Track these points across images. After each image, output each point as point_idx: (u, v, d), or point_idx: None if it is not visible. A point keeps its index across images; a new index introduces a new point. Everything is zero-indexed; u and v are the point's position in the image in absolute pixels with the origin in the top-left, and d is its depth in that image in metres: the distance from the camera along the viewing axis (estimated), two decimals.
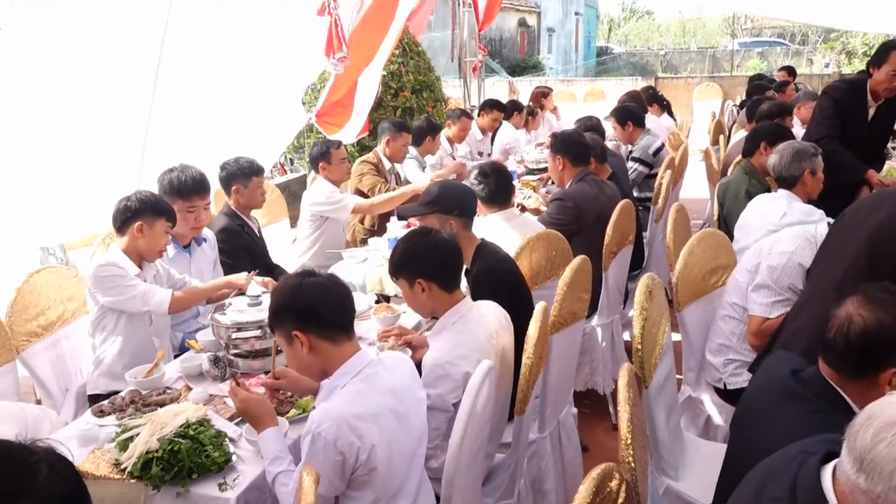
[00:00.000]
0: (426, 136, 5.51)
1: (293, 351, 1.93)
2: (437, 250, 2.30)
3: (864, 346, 1.64)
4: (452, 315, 2.30)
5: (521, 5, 24.49)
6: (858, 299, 1.69)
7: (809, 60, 22.81)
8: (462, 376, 2.13)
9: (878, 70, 4.00)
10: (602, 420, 3.79)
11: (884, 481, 1.01)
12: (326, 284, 1.95)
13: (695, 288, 3.01)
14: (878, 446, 1.02)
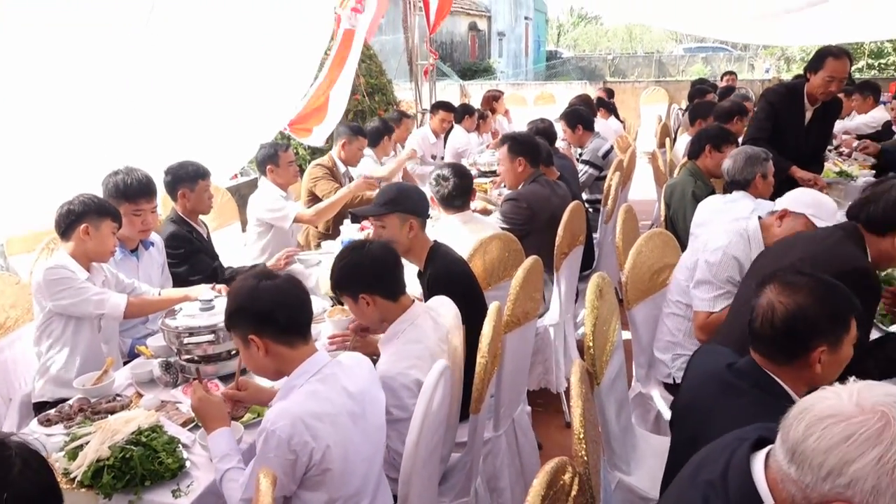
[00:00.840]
0: (383, 137, 5.53)
1: (249, 353, 1.93)
2: (373, 263, 2.28)
3: (790, 331, 1.70)
4: (402, 323, 2.29)
5: (472, 9, 24.64)
6: (776, 286, 1.76)
7: (751, 65, 23.50)
8: (414, 383, 2.14)
9: (815, 75, 4.14)
10: (555, 418, 3.85)
11: (813, 472, 1.05)
12: (284, 287, 1.93)
13: (643, 287, 3.09)
14: (808, 439, 1.06)
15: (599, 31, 42.20)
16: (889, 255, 2.30)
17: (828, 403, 1.08)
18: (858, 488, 1.02)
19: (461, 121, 7.07)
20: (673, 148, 6.38)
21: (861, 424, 1.04)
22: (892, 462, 1.00)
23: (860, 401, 1.06)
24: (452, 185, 3.33)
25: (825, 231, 2.39)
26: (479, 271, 3.06)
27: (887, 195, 2.26)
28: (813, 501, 1.06)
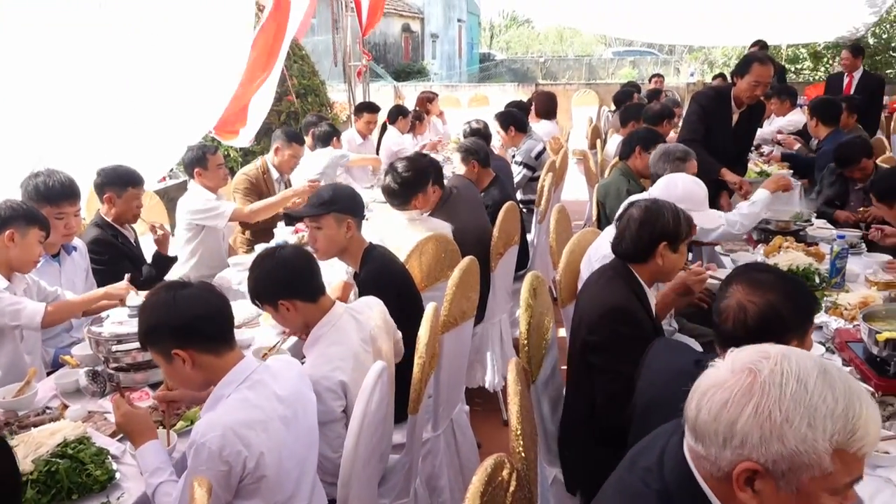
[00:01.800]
0: (332, 139, 5.51)
1: (173, 368, 1.86)
2: (286, 268, 2.24)
3: (764, 329, 1.71)
4: (323, 326, 2.26)
5: (405, 11, 24.64)
6: (743, 287, 1.77)
7: (676, 69, 24.24)
8: (338, 385, 2.13)
9: (741, 80, 4.30)
10: (493, 416, 3.89)
11: (712, 443, 1.10)
12: (202, 295, 1.87)
13: (576, 285, 3.14)
14: (700, 414, 1.12)
15: (531, 33, 42.76)
16: (661, 272, 2.40)
17: (708, 377, 1.14)
18: (750, 443, 1.07)
19: (395, 122, 7.05)
20: (604, 149, 6.53)
21: (734, 385, 1.09)
22: (767, 409, 1.06)
23: (732, 365, 1.13)
24: (410, 181, 3.34)
25: (601, 271, 2.49)
26: (415, 272, 3.07)
27: (628, 231, 2.37)
28: (725, 470, 1.11)
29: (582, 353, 2.34)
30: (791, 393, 1.06)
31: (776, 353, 1.12)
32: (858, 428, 1.05)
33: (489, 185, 4.37)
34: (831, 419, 1.05)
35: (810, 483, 1.07)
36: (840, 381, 1.08)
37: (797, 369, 1.08)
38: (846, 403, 1.06)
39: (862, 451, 1.07)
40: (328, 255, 2.78)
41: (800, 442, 1.05)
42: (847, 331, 2.63)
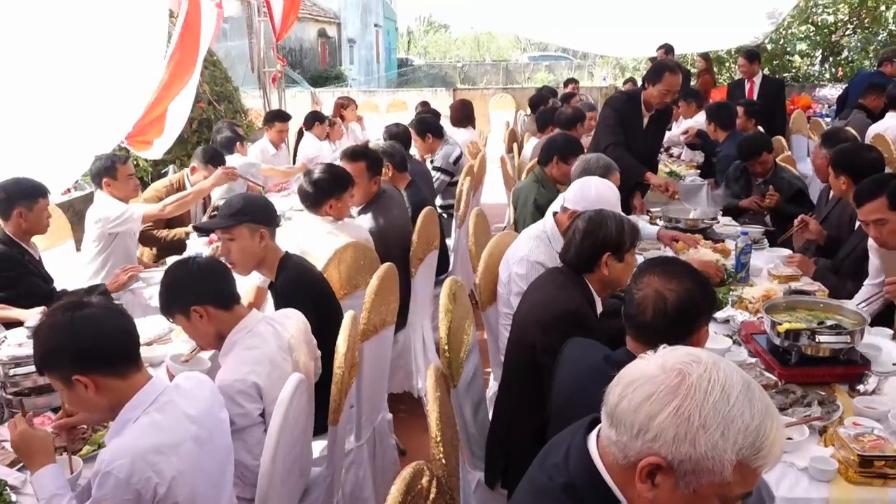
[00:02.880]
0: (235, 144, 5.38)
1: (75, 395, 1.74)
2: (201, 273, 2.19)
3: (682, 316, 1.79)
4: (238, 332, 2.20)
5: (321, 16, 24.36)
6: (657, 278, 1.82)
7: (590, 74, 24.92)
8: (252, 387, 2.08)
9: (653, 87, 4.45)
10: (418, 422, 3.86)
11: (627, 431, 1.14)
12: (103, 315, 1.75)
13: (495, 288, 3.17)
14: (622, 402, 1.15)
15: (449, 39, 43.11)
16: (609, 282, 2.46)
17: (637, 368, 1.18)
18: (663, 439, 1.11)
19: (312, 128, 6.95)
20: (521, 153, 6.63)
21: (661, 382, 1.13)
22: (688, 412, 1.10)
23: (663, 362, 1.16)
24: (328, 185, 3.29)
25: (553, 274, 2.55)
26: (334, 280, 3.02)
27: (574, 241, 2.44)
28: (631, 460, 1.15)
29: (531, 354, 2.34)
30: (713, 401, 1.10)
31: (707, 360, 1.15)
32: (765, 447, 1.11)
33: (404, 189, 4.39)
34: (743, 434, 1.10)
35: (707, 487, 1.11)
36: (759, 400, 1.13)
37: (724, 380, 1.12)
38: (760, 422, 1.11)
39: (761, 468, 1.12)
40: (245, 267, 2.70)
41: (710, 448, 1.09)
42: (752, 323, 2.75)
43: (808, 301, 2.71)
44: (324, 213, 3.33)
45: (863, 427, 2.00)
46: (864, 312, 2.57)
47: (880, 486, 1.84)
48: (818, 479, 1.88)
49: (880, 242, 2.88)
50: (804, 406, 2.17)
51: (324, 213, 3.33)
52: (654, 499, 1.15)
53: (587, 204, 2.91)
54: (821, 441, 2.04)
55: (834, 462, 1.90)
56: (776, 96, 7.44)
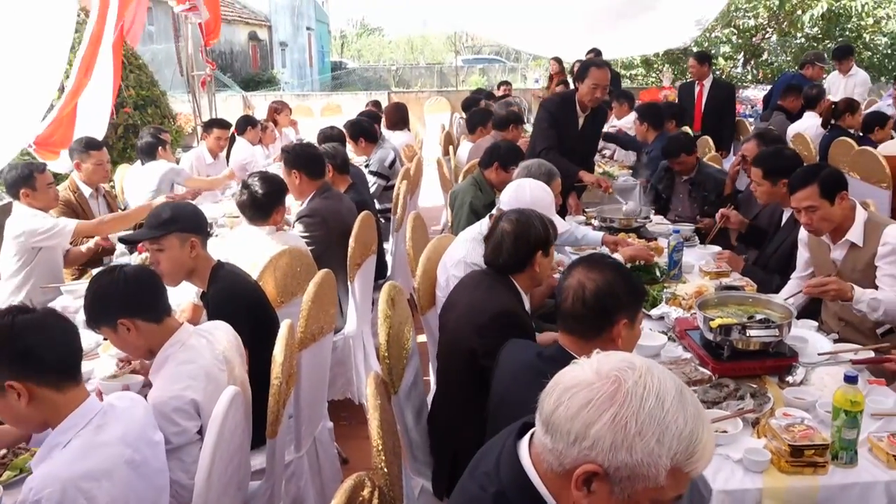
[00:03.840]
0: (156, 150, 5.17)
1: (5, 403, 1.66)
2: (128, 284, 2.09)
3: (599, 305, 1.85)
4: (170, 346, 2.12)
5: (251, 18, 23.92)
6: (582, 268, 1.91)
7: (523, 76, 25.19)
8: (189, 404, 2.01)
9: (582, 84, 4.52)
10: (361, 429, 3.80)
11: (563, 439, 1.14)
12: (46, 321, 1.69)
13: (434, 292, 3.16)
14: (558, 409, 1.15)
15: (382, 42, 42.97)
16: (536, 278, 2.53)
17: (572, 374, 1.18)
18: (600, 447, 1.11)
19: (244, 133, 6.80)
20: (456, 155, 6.64)
21: (598, 389, 1.13)
22: (625, 419, 1.11)
23: (598, 368, 1.17)
24: (263, 193, 3.21)
25: (478, 277, 2.59)
26: (270, 289, 2.96)
27: (505, 244, 2.47)
28: (566, 467, 1.15)
29: (471, 358, 2.34)
30: (649, 408, 1.11)
31: (641, 366, 1.16)
32: (697, 451, 1.13)
33: (345, 191, 4.35)
34: (678, 439, 1.11)
35: (642, 492, 1.13)
36: (692, 405, 1.15)
37: (658, 386, 1.14)
38: (693, 427, 1.12)
39: (694, 472, 1.14)
40: (175, 278, 2.61)
41: (646, 455, 1.10)
42: (685, 320, 2.81)
43: (738, 296, 2.79)
44: (272, 222, 3.28)
45: (793, 418, 2.06)
46: (790, 306, 2.66)
47: (810, 475, 1.90)
48: (752, 469, 1.93)
49: (811, 229, 2.99)
50: (737, 399, 2.22)
51: (272, 222, 3.28)
52: None
53: (522, 207, 2.94)
54: (754, 433, 2.09)
55: (767, 453, 1.95)
56: (726, 99, 7.30)
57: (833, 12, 14.86)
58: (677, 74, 14.78)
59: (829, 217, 2.90)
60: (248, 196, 3.24)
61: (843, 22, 15.21)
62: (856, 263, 2.93)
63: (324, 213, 3.77)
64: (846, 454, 1.93)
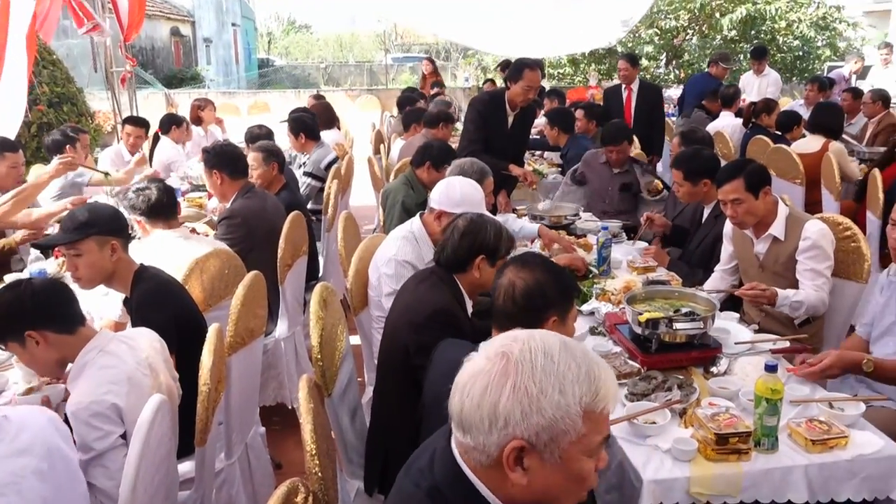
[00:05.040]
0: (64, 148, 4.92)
1: None
2: (36, 296, 2.01)
3: (529, 303, 1.88)
4: (88, 353, 2.04)
5: (173, 14, 23.21)
6: (513, 267, 1.95)
7: (453, 75, 25.29)
8: (111, 409, 1.93)
9: (515, 84, 4.54)
10: (294, 434, 3.75)
11: (480, 431, 1.16)
12: None
13: (366, 291, 3.13)
14: (464, 406, 1.17)
15: (311, 39, 42.43)
16: (478, 283, 2.54)
17: (466, 370, 1.20)
18: (513, 421, 1.13)
19: (168, 132, 6.58)
20: (388, 153, 6.61)
21: (490, 370, 1.16)
22: (524, 385, 1.13)
23: (486, 353, 1.20)
24: (157, 191, 3.05)
25: (423, 275, 2.60)
26: (197, 292, 2.87)
27: (451, 240, 2.52)
28: (494, 456, 1.16)
29: (405, 356, 2.33)
30: (541, 366, 1.14)
31: (523, 335, 1.20)
32: (601, 388, 1.16)
33: (280, 190, 4.29)
34: (578, 383, 1.14)
35: (570, 448, 1.15)
36: (579, 350, 1.19)
37: (543, 344, 1.17)
38: (587, 367, 1.17)
39: (605, 409, 1.17)
40: (93, 282, 2.51)
41: (555, 409, 1.13)
42: (615, 314, 2.87)
43: (664, 290, 2.86)
44: (177, 224, 3.17)
45: (718, 407, 2.13)
46: (714, 299, 2.75)
47: (735, 462, 1.97)
48: (680, 459, 1.98)
49: (737, 222, 3.10)
50: (665, 391, 2.28)
51: (177, 224, 3.17)
52: (530, 482, 1.16)
53: (452, 204, 2.97)
54: (681, 423, 2.15)
55: (694, 442, 2.01)
56: (655, 103, 6.94)
57: (749, 15, 15.50)
58: (603, 74, 15.14)
59: (753, 210, 3.02)
60: (148, 200, 3.05)
61: (759, 25, 15.88)
62: (778, 257, 3.05)
63: (244, 213, 3.66)
64: (768, 440, 2.01)
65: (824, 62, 15.74)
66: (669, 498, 1.93)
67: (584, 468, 1.18)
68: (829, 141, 5.45)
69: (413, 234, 3.06)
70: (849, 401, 2.23)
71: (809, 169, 5.34)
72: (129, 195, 3.05)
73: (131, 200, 3.02)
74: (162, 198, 3.06)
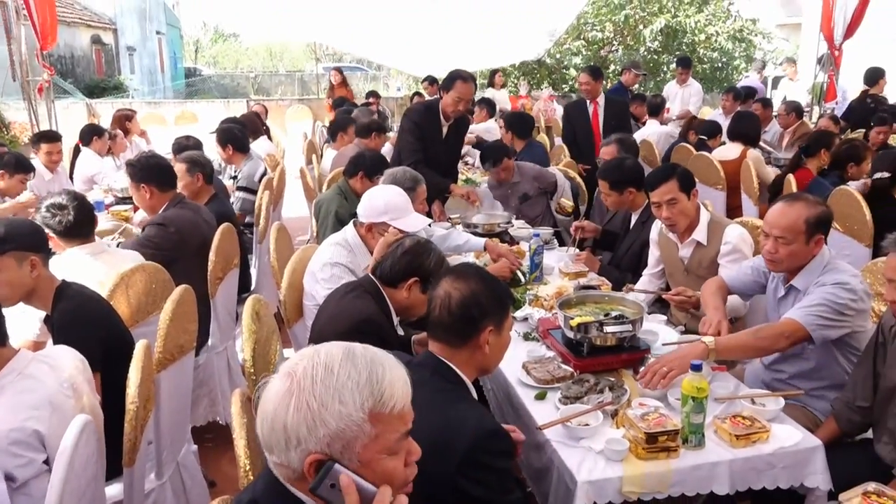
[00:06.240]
0: None
1: None
2: None
3: (464, 314, 1.90)
4: (6, 375, 1.94)
5: (94, 21, 22.43)
6: (449, 278, 1.97)
7: (385, 85, 25.28)
8: (33, 436, 1.86)
9: (447, 94, 4.58)
10: (227, 450, 3.66)
11: (279, 450, 1.19)
12: None
13: (301, 303, 3.10)
14: (262, 427, 1.20)
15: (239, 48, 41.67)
16: (405, 304, 2.57)
17: (263, 397, 1.22)
18: (303, 437, 1.17)
19: (89, 143, 6.35)
20: (320, 163, 6.55)
21: (277, 391, 1.19)
22: (305, 401, 1.16)
23: (277, 376, 1.22)
24: (74, 211, 2.92)
25: (350, 286, 2.62)
26: (123, 308, 2.78)
27: (393, 253, 2.57)
28: (299, 471, 1.19)
29: None
30: (321, 380, 1.18)
31: (309, 351, 1.23)
32: (385, 390, 1.20)
33: (208, 202, 4.20)
34: (358, 391, 1.18)
35: (366, 451, 1.19)
36: (362, 356, 1.22)
37: (325, 358, 1.21)
38: (368, 373, 1.20)
39: (396, 408, 1.21)
40: (11, 300, 2.40)
41: (338, 419, 1.16)
42: (548, 320, 2.92)
43: (595, 295, 2.93)
44: (92, 239, 3.05)
45: (647, 407, 2.19)
46: (642, 302, 2.83)
47: (664, 459, 2.03)
48: (612, 459, 2.03)
49: (671, 223, 3.21)
50: (598, 393, 2.34)
51: (92, 239, 3.05)
52: None
53: (377, 214, 3.00)
54: (613, 424, 2.21)
55: (625, 442, 2.07)
56: (622, 117, 6.44)
57: (670, 28, 16.09)
58: (533, 85, 15.43)
59: (686, 210, 3.15)
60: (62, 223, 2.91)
61: (680, 37, 16.50)
62: (701, 261, 3.17)
63: (179, 223, 3.55)
64: (695, 437, 2.08)
65: (742, 73, 16.47)
66: (603, 497, 1.98)
67: (388, 466, 1.22)
68: (747, 148, 5.70)
69: (347, 241, 3.06)
70: (769, 396, 2.34)
71: (730, 175, 5.57)
72: (44, 213, 2.90)
73: (45, 219, 2.88)
74: (79, 219, 2.93)
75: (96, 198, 5.21)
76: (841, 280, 2.42)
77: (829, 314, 2.38)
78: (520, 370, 2.54)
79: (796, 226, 2.47)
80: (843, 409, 2.43)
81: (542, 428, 2.16)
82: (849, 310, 2.39)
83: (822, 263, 2.52)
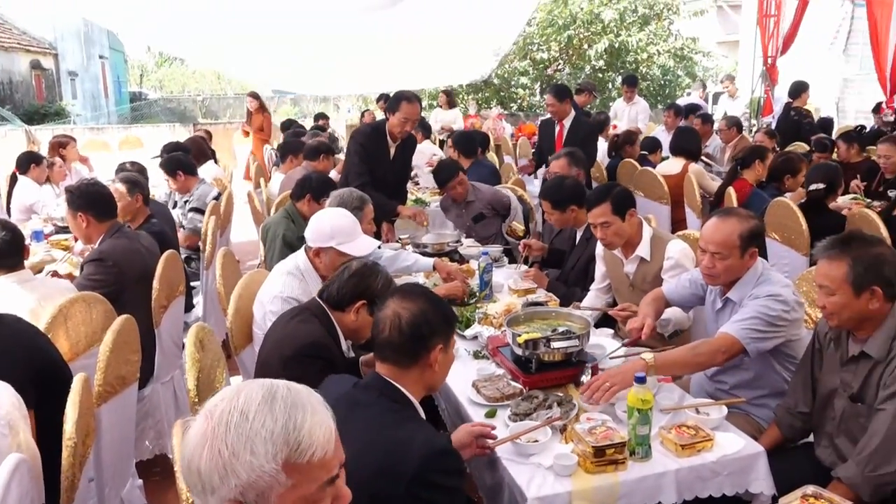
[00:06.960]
0: None
1: None
2: None
3: (415, 333, 1.90)
4: None
5: (33, 45, 21.88)
6: (396, 298, 1.96)
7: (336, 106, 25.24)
8: None
9: (393, 116, 4.59)
10: (175, 483, 3.57)
11: (197, 493, 1.13)
12: None
13: (249, 330, 3.05)
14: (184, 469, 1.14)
15: (186, 72, 41.12)
16: (353, 327, 2.57)
17: (187, 434, 1.16)
18: (216, 484, 1.11)
19: (27, 171, 6.15)
20: (268, 187, 6.49)
21: (196, 433, 1.13)
22: (217, 448, 1.10)
23: (203, 414, 1.16)
24: (3, 240, 2.84)
25: (296, 310, 2.61)
26: (62, 341, 2.69)
27: (340, 276, 2.57)
28: None
29: None
30: (235, 426, 1.11)
31: (230, 392, 1.17)
32: (302, 439, 1.13)
33: (144, 222, 4.14)
34: (271, 441, 1.11)
35: (283, 499, 1.13)
36: (282, 400, 1.15)
37: (243, 402, 1.14)
38: (285, 421, 1.13)
39: (315, 456, 1.14)
40: None
41: (249, 471, 1.10)
42: (497, 337, 2.93)
43: (542, 311, 2.96)
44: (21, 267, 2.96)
45: (595, 421, 2.22)
46: (588, 316, 2.87)
47: (612, 472, 2.05)
48: (561, 474, 2.05)
49: (606, 243, 3.27)
50: (546, 409, 2.35)
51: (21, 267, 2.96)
52: None
53: (325, 238, 2.96)
54: (562, 439, 2.22)
55: (574, 456, 2.09)
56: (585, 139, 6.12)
57: (614, 47, 16.48)
58: (481, 104, 15.59)
59: (620, 232, 3.20)
60: None
61: (624, 56, 16.91)
62: (646, 276, 3.23)
63: (116, 255, 3.40)
64: (641, 449, 2.11)
65: (685, 89, 16.95)
66: None
67: None
68: (688, 163, 5.85)
69: (299, 268, 3.01)
70: (713, 405, 2.38)
71: (673, 189, 5.71)
72: None
73: None
74: (7, 248, 2.85)
75: (35, 227, 5.07)
76: (773, 292, 2.49)
77: (762, 326, 2.45)
78: (470, 389, 2.54)
79: (730, 241, 2.54)
80: (785, 416, 2.49)
81: (492, 447, 2.17)
82: (781, 321, 2.46)
83: (755, 275, 2.59)
